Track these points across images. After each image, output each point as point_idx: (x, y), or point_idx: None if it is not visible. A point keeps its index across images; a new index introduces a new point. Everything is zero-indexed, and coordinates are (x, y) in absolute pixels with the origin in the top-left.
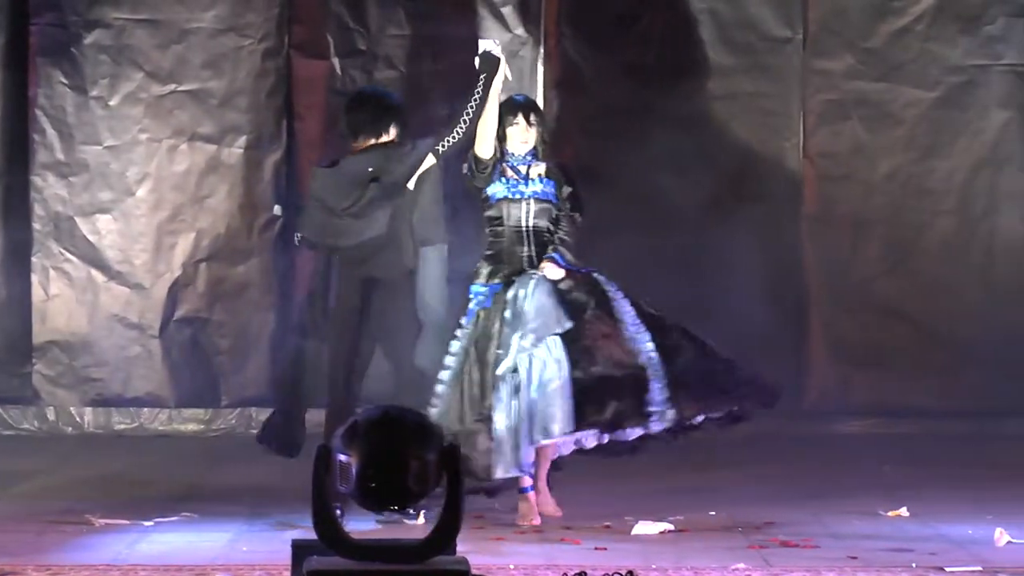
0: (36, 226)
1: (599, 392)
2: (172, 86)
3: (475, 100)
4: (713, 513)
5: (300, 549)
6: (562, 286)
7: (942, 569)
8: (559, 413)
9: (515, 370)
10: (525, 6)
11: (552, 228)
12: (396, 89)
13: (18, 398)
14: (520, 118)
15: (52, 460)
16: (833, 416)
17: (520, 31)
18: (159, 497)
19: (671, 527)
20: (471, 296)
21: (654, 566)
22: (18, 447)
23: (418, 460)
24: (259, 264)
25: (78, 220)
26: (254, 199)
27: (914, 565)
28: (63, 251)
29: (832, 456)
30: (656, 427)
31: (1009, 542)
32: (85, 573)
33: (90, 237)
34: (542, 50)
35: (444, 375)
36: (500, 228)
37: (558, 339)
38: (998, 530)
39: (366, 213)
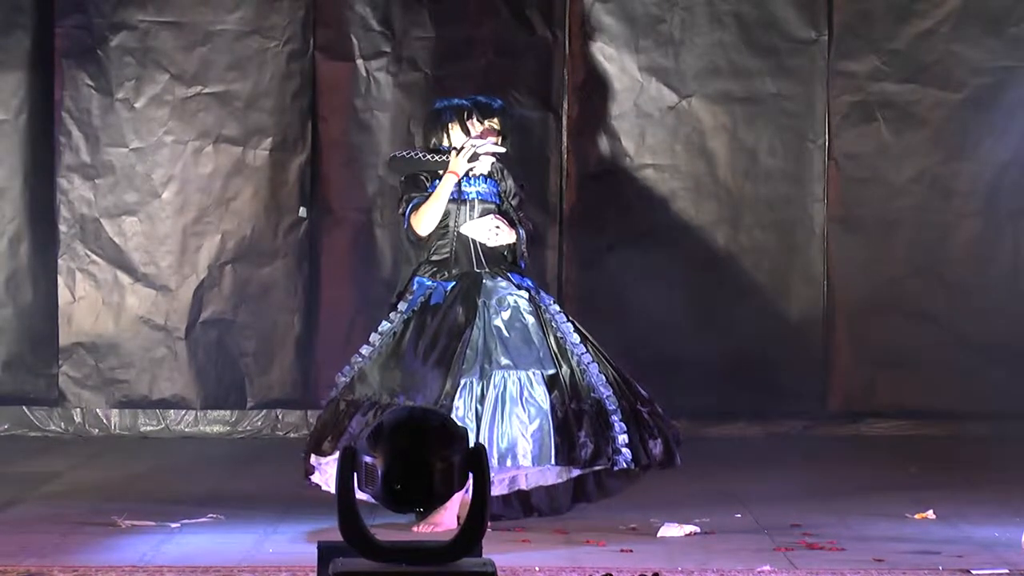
0: (62, 228)
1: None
2: (197, 88)
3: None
4: (739, 515)
5: (326, 551)
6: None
7: (968, 572)
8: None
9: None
10: (549, 8)
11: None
12: (421, 91)
13: (44, 399)
14: (461, 121)
15: (78, 461)
16: (858, 418)
17: (544, 32)
18: (185, 499)
19: (697, 529)
20: (414, 286)
21: (680, 568)
22: (44, 448)
23: (443, 462)
24: (284, 266)
25: (104, 222)
26: (279, 201)
27: (940, 568)
28: (89, 253)
29: (858, 458)
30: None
31: None
32: (111, 574)
33: (116, 239)
34: (566, 52)
35: (365, 350)
36: (445, 231)
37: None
38: None
39: None
